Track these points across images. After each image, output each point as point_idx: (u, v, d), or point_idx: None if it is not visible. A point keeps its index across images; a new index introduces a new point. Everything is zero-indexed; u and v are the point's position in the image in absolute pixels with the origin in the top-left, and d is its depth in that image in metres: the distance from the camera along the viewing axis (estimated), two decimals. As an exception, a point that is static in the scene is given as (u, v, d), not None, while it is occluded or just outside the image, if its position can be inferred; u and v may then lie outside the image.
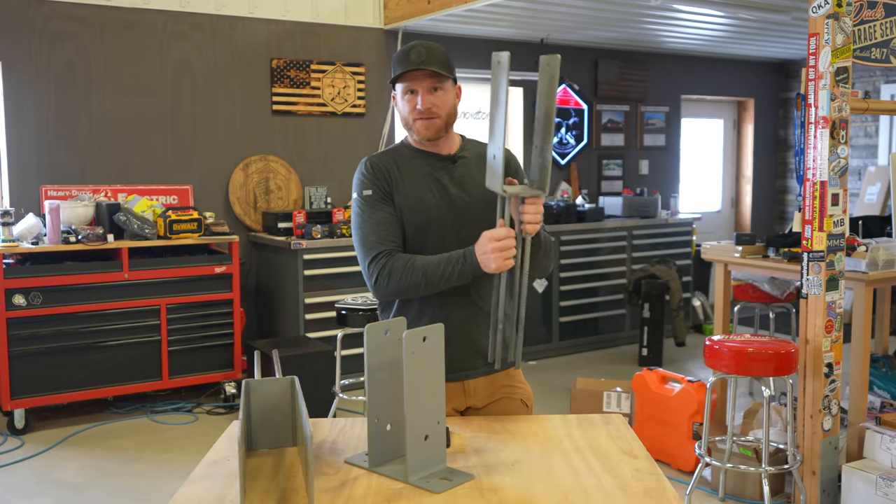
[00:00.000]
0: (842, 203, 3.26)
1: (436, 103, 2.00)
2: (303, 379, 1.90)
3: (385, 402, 1.69)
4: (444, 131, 2.04)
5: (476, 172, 2.07)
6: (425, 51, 1.98)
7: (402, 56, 1.99)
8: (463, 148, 2.12)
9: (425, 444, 1.64)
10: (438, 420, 1.68)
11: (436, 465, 1.67)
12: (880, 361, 4.31)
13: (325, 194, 5.80)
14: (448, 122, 2.04)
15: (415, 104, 2.00)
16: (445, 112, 2.02)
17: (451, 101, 2.04)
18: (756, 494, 3.57)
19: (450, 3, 5.13)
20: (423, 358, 1.62)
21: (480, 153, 2.09)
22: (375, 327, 1.67)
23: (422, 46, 1.99)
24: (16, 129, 4.87)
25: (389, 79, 2.05)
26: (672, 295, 6.11)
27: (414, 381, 1.61)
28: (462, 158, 2.10)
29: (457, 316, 2.03)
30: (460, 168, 2.08)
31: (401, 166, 2.06)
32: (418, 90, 1.99)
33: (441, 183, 2.05)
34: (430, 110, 1.99)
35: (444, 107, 2.01)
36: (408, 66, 1.97)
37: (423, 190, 2.04)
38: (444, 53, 2.01)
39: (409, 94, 2.01)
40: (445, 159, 2.08)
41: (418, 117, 2.00)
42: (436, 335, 1.65)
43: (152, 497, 3.64)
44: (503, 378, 2.14)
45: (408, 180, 2.04)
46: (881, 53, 3.44)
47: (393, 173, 2.05)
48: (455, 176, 2.07)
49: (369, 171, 2.05)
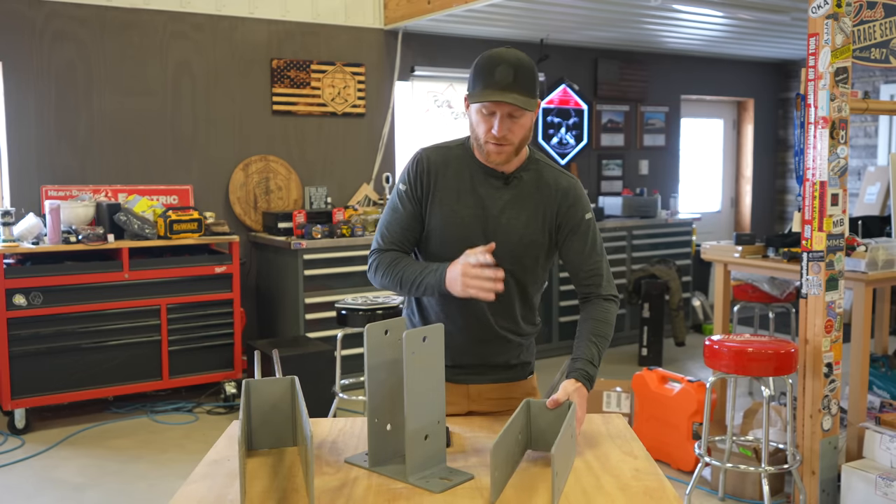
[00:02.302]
0: (841, 203, 3.26)
1: (513, 129, 1.83)
2: (303, 379, 1.90)
3: (385, 402, 1.69)
4: (515, 156, 1.89)
5: (526, 196, 1.93)
6: (512, 71, 1.78)
7: (487, 72, 1.80)
8: (524, 167, 1.95)
9: (425, 444, 1.64)
10: (438, 420, 1.68)
11: (436, 464, 1.67)
12: (880, 361, 4.31)
13: (326, 194, 5.80)
14: (520, 147, 1.89)
15: (490, 126, 1.83)
16: (520, 138, 1.86)
17: (529, 125, 1.87)
18: (756, 494, 3.58)
19: (450, 3, 5.13)
20: (424, 358, 1.62)
21: (540, 180, 1.95)
22: (375, 327, 1.67)
23: (509, 65, 1.78)
24: (16, 129, 4.87)
25: (468, 88, 1.87)
26: (672, 295, 6.11)
27: (414, 381, 1.61)
28: (516, 179, 1.94)
29: (473, 331, 1.99)
30: (511, 189, 1.93)
31: (449, 170, 1.94)
32: (497, 112, 1.81)
33: (483, 200, 1.92)
34: (506, 137, 1.83)
35: (520, 133, 1.85)
36: (491, 89, 1.78)
37: (461, 203, 1.93)
38: (532, 72, 1.82)
39: (483, 113, 1.83)
40: (498, 176, 1.93)
41: (491, 141, 1.85)
42: (436, 335, 1.65)
43: (152, 497, 3.64)
44: (514, 388, 2.07)
45: (449, 188, 1.94)
46: (881, 54, 3.44)
47: (438, 176, 1.94)
48: (502, 196, 1.93)
49: (414, 167, 1.96)
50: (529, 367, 2.13)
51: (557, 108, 6.93)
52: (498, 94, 1.78)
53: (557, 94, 6.91)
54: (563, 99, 6.95)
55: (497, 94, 1.78)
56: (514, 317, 2.02)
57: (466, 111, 1.91)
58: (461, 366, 2.03)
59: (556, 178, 1.97)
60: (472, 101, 1.84)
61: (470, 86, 1.86)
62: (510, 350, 2.05)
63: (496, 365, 2.05)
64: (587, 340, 1.93)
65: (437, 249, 1.96)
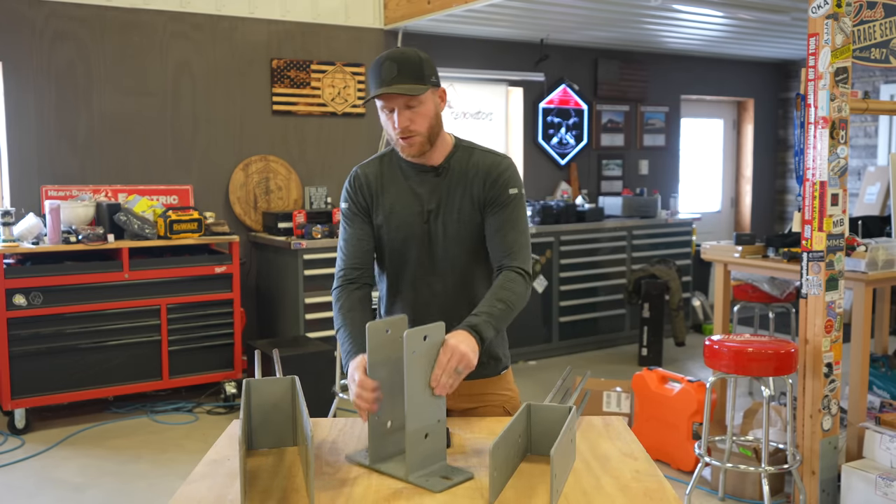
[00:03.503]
0: (841, 203, 3.26)
1: (413, 120, 1.89)
2: (302, 379, 1.90)
3: (385, 401, 1.69)
4: (429, 145, 1.95)
5: (456, 182, 1.99)
6: (396, 65, 1.86)
7: (374, 72, 1.89)
8: (451, 156, 2.01)
9: (425, 443, 1.65)
10: (439, 419, 1.68)
11: (436, 462, 1.67)
12: (880, 361, 4.31)
13: (325, 194, 5.80)
14: (431, 135, 1.94)
15: (393, 122, 1.90)
16: (425, 127, 1.92)
17: (432, 113, 1.92)
18: (756, 494, 3.58)
19: (450, 3, 5.13)
20: (424, 356, 1.62)
21: (468, 164, 2.00)
22: (376, 326, 1.67)
23: (392, 60, 1.87)
24: (16, 129, 4.87)
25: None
26: (672, 295, 6.11)
27: (414, 380, 1.61)
28: (446, 169, 2.00)
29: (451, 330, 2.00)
30: (443, 179, 2.00)
31: (385, 177, 2.03)
32: (394, 107, 1.89)
33: (419, 197, 1.99)
34: (409, 128, 1.89)
35: (423, 122, 1.91)
36: (379, 84, 1.87)
37: (400, 204, 2.00)
38: (417, 63, 1.88)
39: (386, 111, 1.91)
40: (428, 171, 2.00)
41: (398, 136, 1.92)
42: (436, 334, 1.65)
43: (152, 497, 3.64)
44: (486, 385, 2.08)
45: (388, 193, 2.01)
46: (881, 54, 3.44)
47: (375, 185, 2.02)
48: (436, 188, 1.99)
49: (351, 184, 2.05)
50: (501, 363, 2.11)
51: (557, 108, 6.93)
52: (384, 87, 1.86)
53: (557, 94, 6.91)
54: (563, 99, 6.95)
55: (384, 88, 1.86)
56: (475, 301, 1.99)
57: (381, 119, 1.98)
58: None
59: (481, 158, 2.02)
60: (366, 102, 1.98)
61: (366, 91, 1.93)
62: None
63: None
64: (486, 301, 1.90)
65: (388, 251, 2.03)
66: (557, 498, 1.51)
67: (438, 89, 1.96)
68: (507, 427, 1.61)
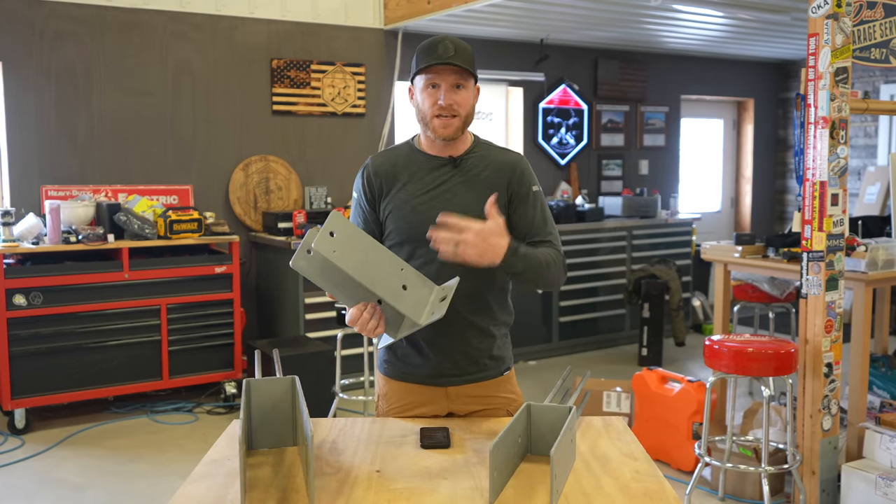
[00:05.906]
0: (841, 203, 3.26)
1: (458, 101, 1.94)
2: (303, 379, 1.90)
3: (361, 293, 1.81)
4: (461, 132, 1.99)
5: (475, 177, 2.01)
6: (453, 46, 1.92)
7: (429, 49, 1.93)
8: (471, 150, 2.05)
9: (409, 293, 1.76)
10: (401, 268, 1.80)
11: (429, 296, 1.78)
12: (880, 361, 4.31)
13: (326, 194, 5.80)
14: (466, 122, 1.99)
15: (436, 99, 1.93)
16: (465, 112, 1.97)
17: (472, 102, 1.99)
18: (756, 494, 3.58)
19: (450, 3, 5.13)
20: (344, 246, 1.73)
21: (488, 156, 2.04)
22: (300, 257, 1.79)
23: (450, 41, 1.93)
24: (16, 129, 4.87)
25: (411, 72, 1.99)
26: (672, 295, 6.11)
27: (354, 266, 1.72)
28: (465, 161, 2.03)
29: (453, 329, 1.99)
30: (461, 172, 2.01)
31: (398, 169, 2.03)
32: (441, 84, 1.93)
33: (435, 186, 2.00)
34: (452, 107, 1.93)
35: (465, 106, 1.96)
36: (434, 59, 1.91)
37: (414, 193, 2.00)
38: (470, 52, 1.96)
39: (430, 87, 1.95)
40: (446, 163, 2.02)
41: (438, 114, 1.94)
42: (336, 227, 1.75)
43: (152, 497, 3.64)
44: (489, 387, 2.08)
45: (401, 183, 2.02)
46: (881, 54, 3.44)
47: (388, 176, 2.02)
48: (452, 180, 2.01)
49: (363, 174, 2.06)
50: (504, 363, 2.12)
51: (557, 108, 6.93)
52: (445, 60, 1.91)
53: (557, 94, 6.91)
54: (563, 99, 6.95)
55: (444, 60, 1.91)
56: (485, 300, 2.02)
57: (412, 100, 2.02)
58: (440, 372, 2.03)
59: (503, 154, 2.07)
60: (417, 71, 1.95)
61: (413, 67, 1.98)
62: (483, 341, 2.04)
63: (471, 361, 2.04)
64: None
65: (395, 241, 2.03)
66: (557, 498, 1.51)
67: (476, 86, 2.02)
68: (507, 427, 1.61)
